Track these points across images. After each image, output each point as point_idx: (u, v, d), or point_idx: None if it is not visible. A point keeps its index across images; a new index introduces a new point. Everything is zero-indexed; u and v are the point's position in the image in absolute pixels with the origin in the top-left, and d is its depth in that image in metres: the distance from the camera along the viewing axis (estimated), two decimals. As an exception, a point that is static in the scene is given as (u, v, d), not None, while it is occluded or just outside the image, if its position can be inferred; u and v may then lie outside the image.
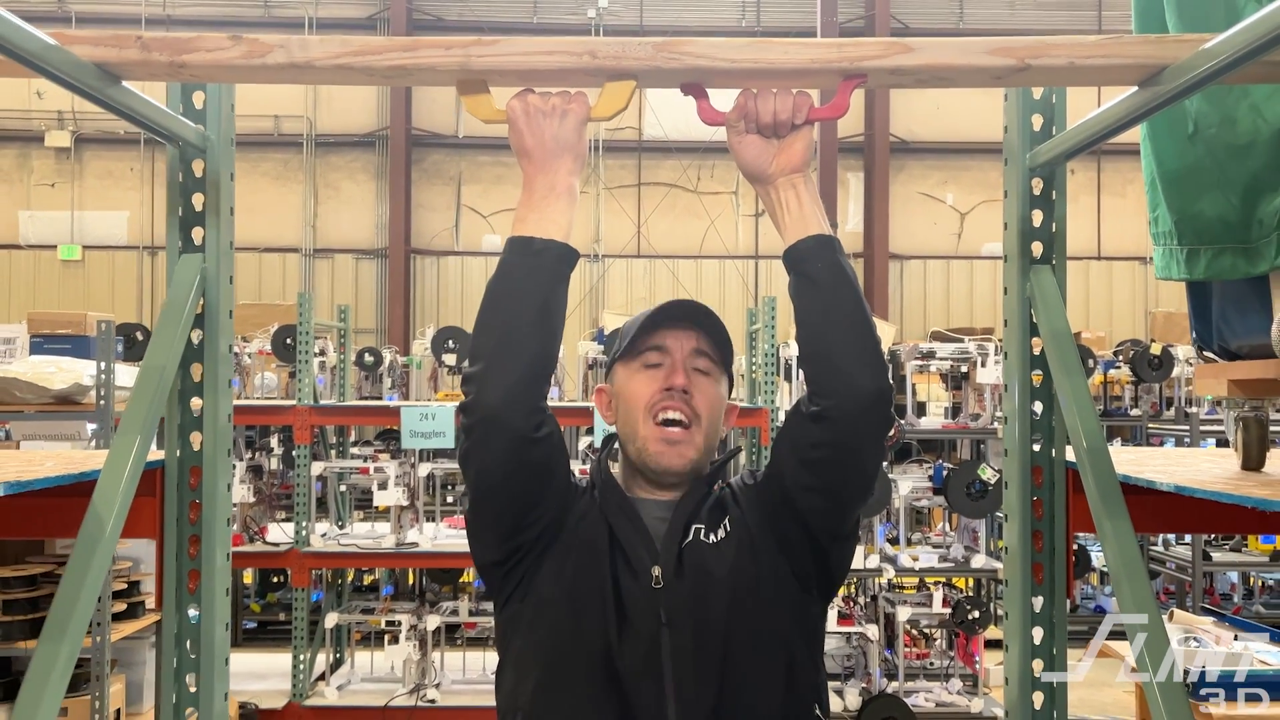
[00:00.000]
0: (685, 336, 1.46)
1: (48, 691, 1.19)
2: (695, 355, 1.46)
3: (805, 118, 1.32)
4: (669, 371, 1.44)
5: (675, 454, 1.43)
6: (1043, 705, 1.70)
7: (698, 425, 1.44)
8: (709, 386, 1.46)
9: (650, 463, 1.44)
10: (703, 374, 1.46)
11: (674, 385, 1.43)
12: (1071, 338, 1.58)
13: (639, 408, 1.45)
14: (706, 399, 1.45)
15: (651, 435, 1.43)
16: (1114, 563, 1.38)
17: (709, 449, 1.46)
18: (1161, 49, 1.23)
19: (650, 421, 1.43)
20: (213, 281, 1.60)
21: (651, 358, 1.46)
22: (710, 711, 1.32)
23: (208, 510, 1.60)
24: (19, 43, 1.13)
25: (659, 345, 1.46)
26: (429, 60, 1.25)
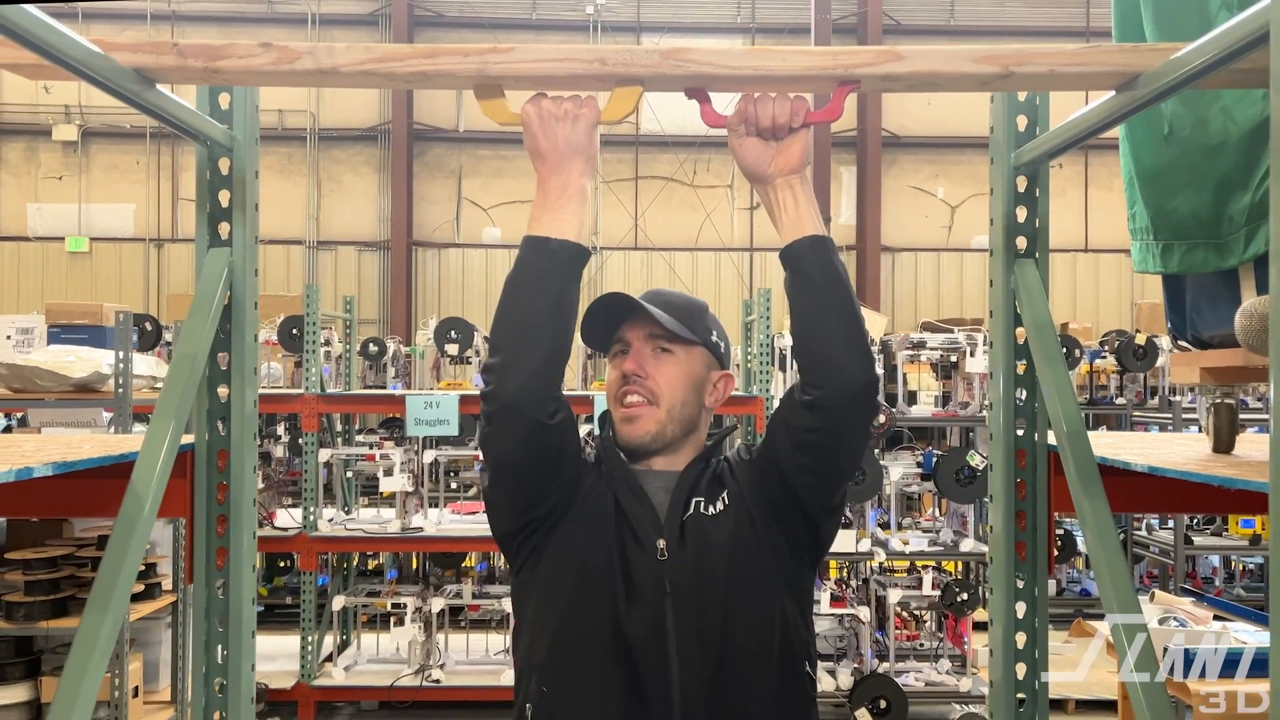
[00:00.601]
0: (640, 325, 1.58)
1: (94, 657, 1.28)
2: (651, 339, 1.57)
3: (802, 121, 1.41)
4: (624, 361, 1.57)
5: (635, 429, 1.55)
6: (1025, 675, 1.80)
7: (657, 402, 1.55)
8: (669, 363, 1.57)
9: (620, 440, 1.57)
10: (665, 352, 1.57)
11: (627, 371, 1.56)
12: (1054, 328, 1.67)
13: (610, 394, 1.59)
14: (666, 377, 1.56)
15: (617, 416, 1.58)
16: (1092, 540, 1.47)
17: (677, 418, 1.57)
18: (1136, 57, 1.32)
19: (617, 405, 1.57)
20: (239, 274, 1.68)
21: (616, 349, 1.59)
22: (711, 671, 1.42)
23: (235, 491, 1.69)
24: (65, 50, 1.22)
25: (620, 338, 1.59)
26: (448, 67, 1.34)
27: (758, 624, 1.47)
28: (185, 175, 13.84)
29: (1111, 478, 1.54)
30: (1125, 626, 1.36)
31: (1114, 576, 1.42)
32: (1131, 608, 1.37)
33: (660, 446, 1.57)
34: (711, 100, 1.43)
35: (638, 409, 1.55)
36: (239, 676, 1.69)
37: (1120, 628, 1.36)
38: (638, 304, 1.57)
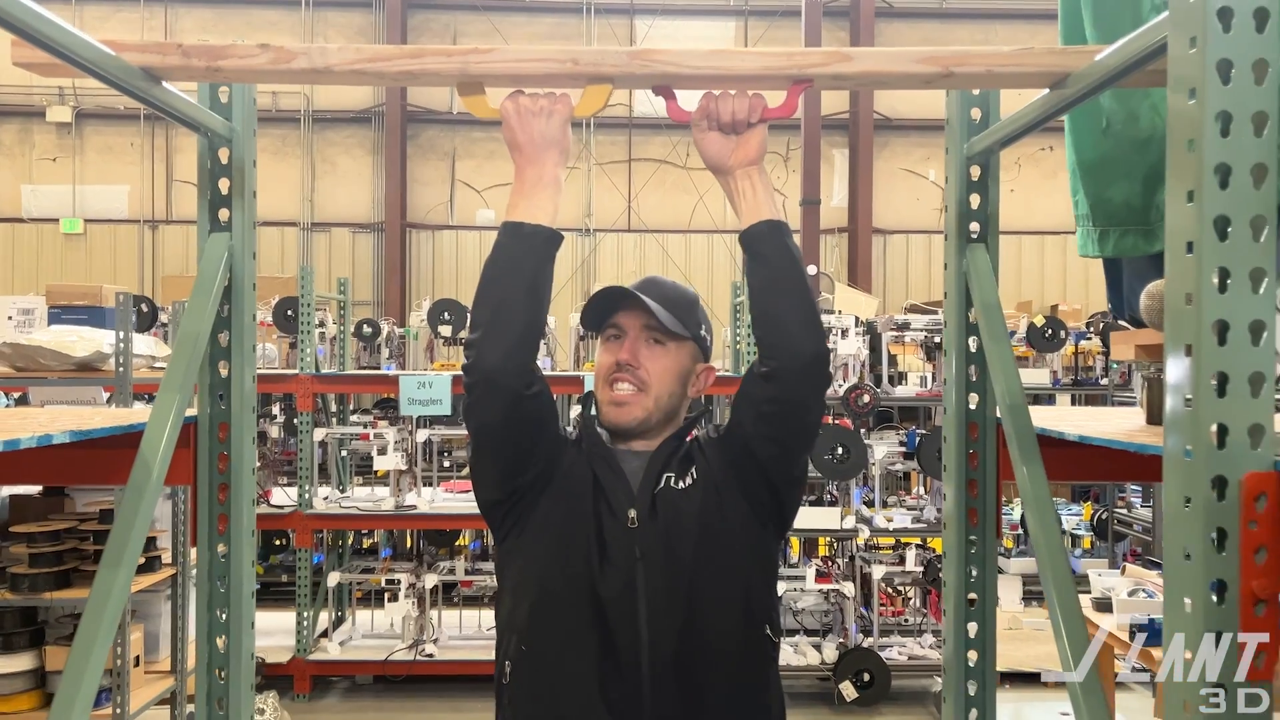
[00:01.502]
0: (637, 314, 1.67)
1: (108, 610, 1.40)
2: (646, 330, 1.67)
3: (760, 117, 1.53)
4: (618, 348, 1.67)
5: (622, 414, 1.66)
6: (976, 634, 1.92)
7: (646, 390, 1.66)
8: (661, 355, 1.68)
9: (605, 421, 1.68)
10: (658, 344, 1.67)
11: (620, 360, 1.66)
12: (1000, 308, 1.79)
13: (600, 377, 1.69)
14: (656, 367, 1.67)
15: (605, 399, 1.68)
16: (1027, 502, 1.59)
17: (663, 407, 1.68)
18: (1065, 59, 1.43)
19: (606, 388, 1.67)
20: (238, 258, 1.79)
21: (610, 332, 1.69)
22: (678, 631, 1.54)
23: (235, 461, 1.81)
24: (79, 51, 1.33)
25: (615, 324, 1.69)
26: (433, 67, 1.45)
27: (722, 589, 1.58)
28: (179, 157, 13.88)
29: (1050, 448, 1.66)
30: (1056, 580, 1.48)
31: (1047, 538, 1.54)
32: (1061, 563, 1.49)
33: (644, 431, 1.69)
34: (677, 97, 1.54)
35: (627, 396, 1.66)
36: (240, 635, 1.81)
37: (1050, 580, 1.49)
38: (638, 297, 1.67)
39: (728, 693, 1.55)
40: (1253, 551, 1.03)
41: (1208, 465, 1.05)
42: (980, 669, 1.93)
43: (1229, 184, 1.04)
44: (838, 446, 5.89)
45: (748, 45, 13.56)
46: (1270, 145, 1.04)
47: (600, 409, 1.69)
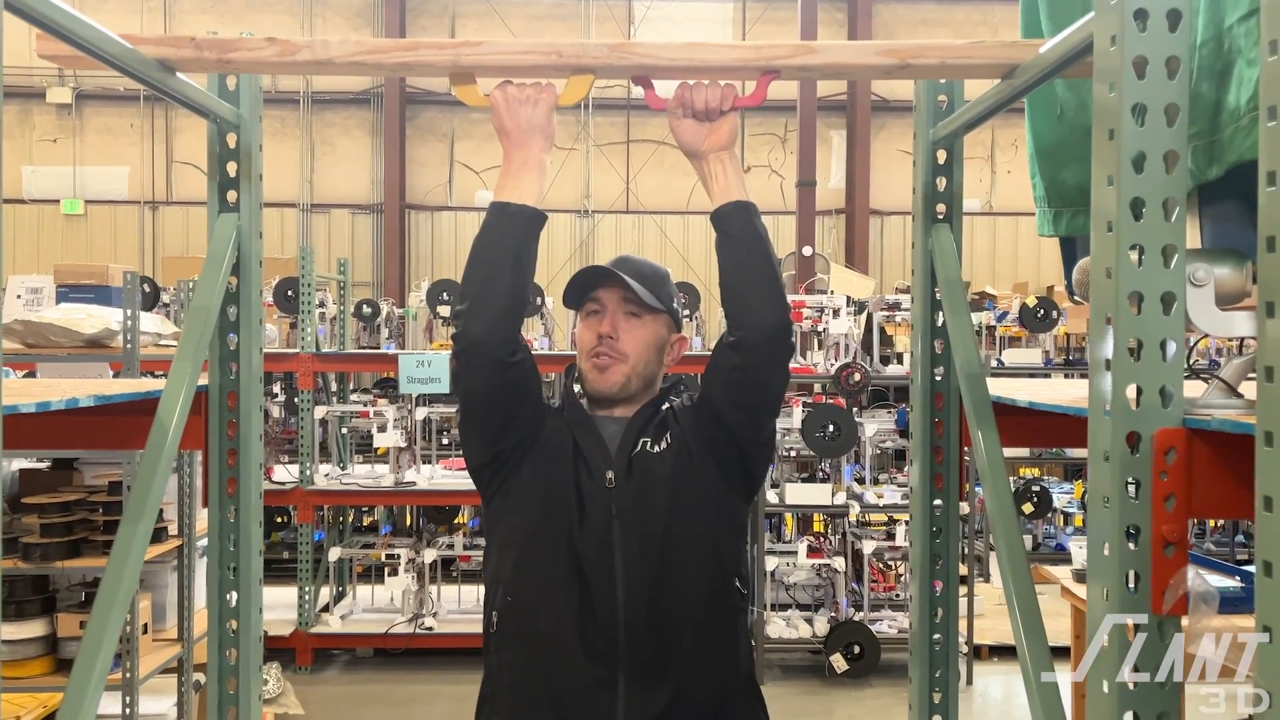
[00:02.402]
0: (614, 290, 1.79)
1: (129, 561, 1.52)
2: (624, 303, 1.79)
3: (731, 105, 1.64)
4: (598, 322, 1.79)
5: (604, 379, 1.78)
6: (941, 591, 2.05)
7: (623, 360, 1.78)
8: (637, 327, 1.80)
9: (588, 387, 1.80)
10: (634, 316, 1.79)
11: (601, 333, 1.78)
12: (961, 285, 1.90)
13: (583, 350, 1.82)
14: (632, 338, 1.79)
15: (588, 369, 1.80)
16: (982, 464, 1.71)
17: (640, 374, 1.81)
18: (1013, 51, 1.54)
19: (589, 359, 1.80)
20: (246, 237, 1.91)
21: (589, 308, 1.81)
22: (651, 583, 1.67)
23: (243, 427, 1.92)
24: (101, 45, 1.44)
25: (595, 299, 1.81)
26: (426, 59, 1.56)
27: (693, 544, 1.71)
28: (179, 138, 13.94)
29: (1005, 416, 1.77)
30: (1005, 534, 1.60)
31: (999, 498, 1.66)
32: (1010, 520, 1.61)
33: (625, 396, 1.81)
34: (655, 86, 1.65)
35: (608, 362, 1.78)
36: (249, 590, 1.94)
37: (1002, 544, 1.60)
38: (616, 274, 1.79)
39: (699, 639, 1.68)
40: (1163, 499, 1.15)
41: (1124, 422, 1.16)
42: (944, 625, 2.06)
43: (1144, 169, 1.15)
44: (829, 424, 6.01)
45: (745, 25, 13.61)
46: (1181, 134, 1.15)
47: (584, 378, 1.81)
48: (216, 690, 1.89)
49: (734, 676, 1.72)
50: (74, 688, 1.38)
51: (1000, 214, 13.71)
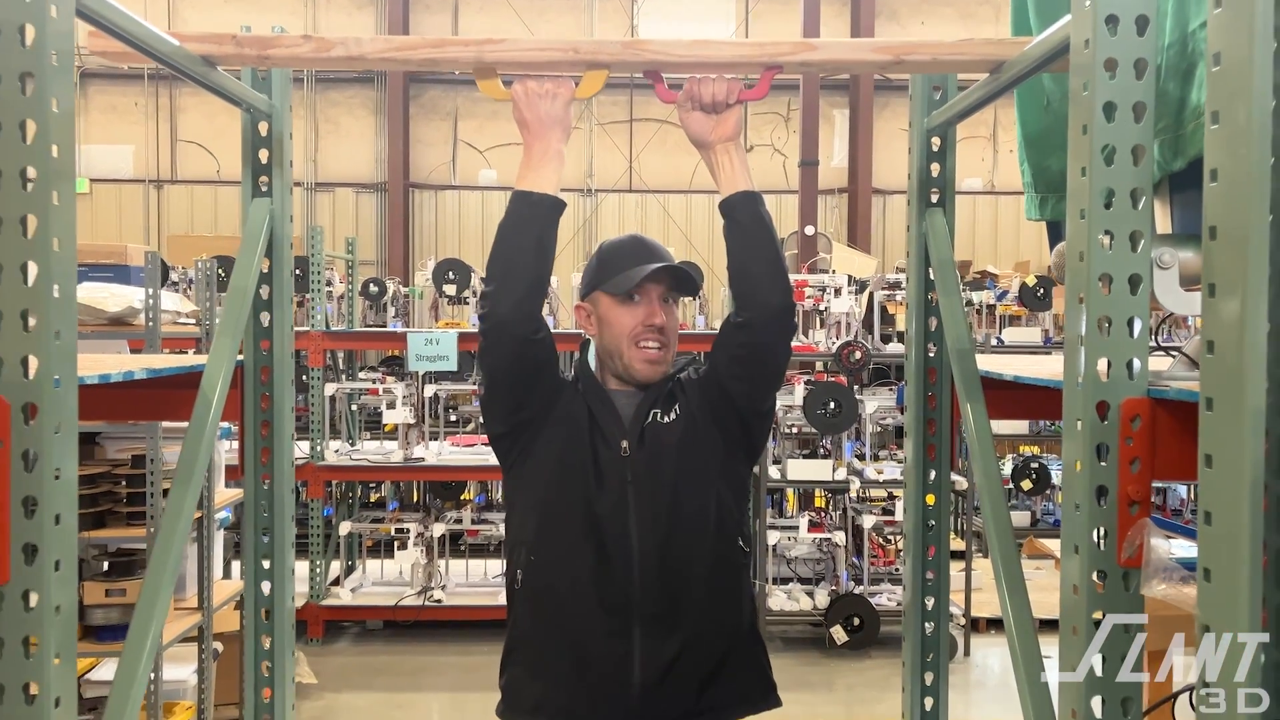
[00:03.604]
0: (660, 282, 1.89)
1: (181, 520, 1.64)
2: (667, 294, 1.90)
3: (736, 98, 1.76)
4: (650, 311, 1.87)
5: (655, 371, 1.89)
6: (934, 556, 2.17)
7: (669, 348, 1.90)
8: (673, 315, 1.92)
9: (637, 375, 1.89)
10: (672, 306, 1.92)
11: (654, 323, 1.87)
12: (954, 266, 2.01)
13: (624, 335, 1.89)
14: (674, 328, 1.91)
15: (636, 356, 1.88)
16: (970, 434, 1.83)
17: (673, 359, 1.93)
18: (1000, 48, 1.65)
19: (634, 347, 1.88)
20: (278, 219, 2.02)
21: (636, 297, 1.88)
22: (662, 543, 1.80)
23: (277, 400, 2.05)
24: (152, 43, 1.55)
25: (641, 288, 1.88)
26: (452, 55, 1.67)
27: (699, 506, 1.84)
28: (183, 117, 14.00)
29: (994, 390, 1.89)
30: (990, 496, 1.72)
31: (985, 465, 1.78)
32: (995, 485, 1.73)
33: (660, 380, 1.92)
34: (664, 80, 1.76)
35: (658, 356, 1.88)
36: (283, 554, 2.06)
37: (986, 496, 1.72)
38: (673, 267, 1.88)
39: (705, 592, 1.81)
40: (1129, 463, 1.27)
41: (1094, 393, 1.28)
42: (936, 585, 2.18)
43: (1113, 161, 1.26)
44: (830, 401, 6.13)
45: (749, 15, 13.59)
46: (1148, 130, 1.26)
47: (628, 365, 1.89)
48: (253, 642, 2.02)
49: (738, 626, 1.85)
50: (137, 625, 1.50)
51: (1002, 193, 13.77)
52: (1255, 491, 0.92)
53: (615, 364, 1.91)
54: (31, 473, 1.16)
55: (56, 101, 1.18)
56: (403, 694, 5.68)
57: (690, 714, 1.78)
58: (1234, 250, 0.94)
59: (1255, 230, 0.92)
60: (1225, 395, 0.95)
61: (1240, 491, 0.92)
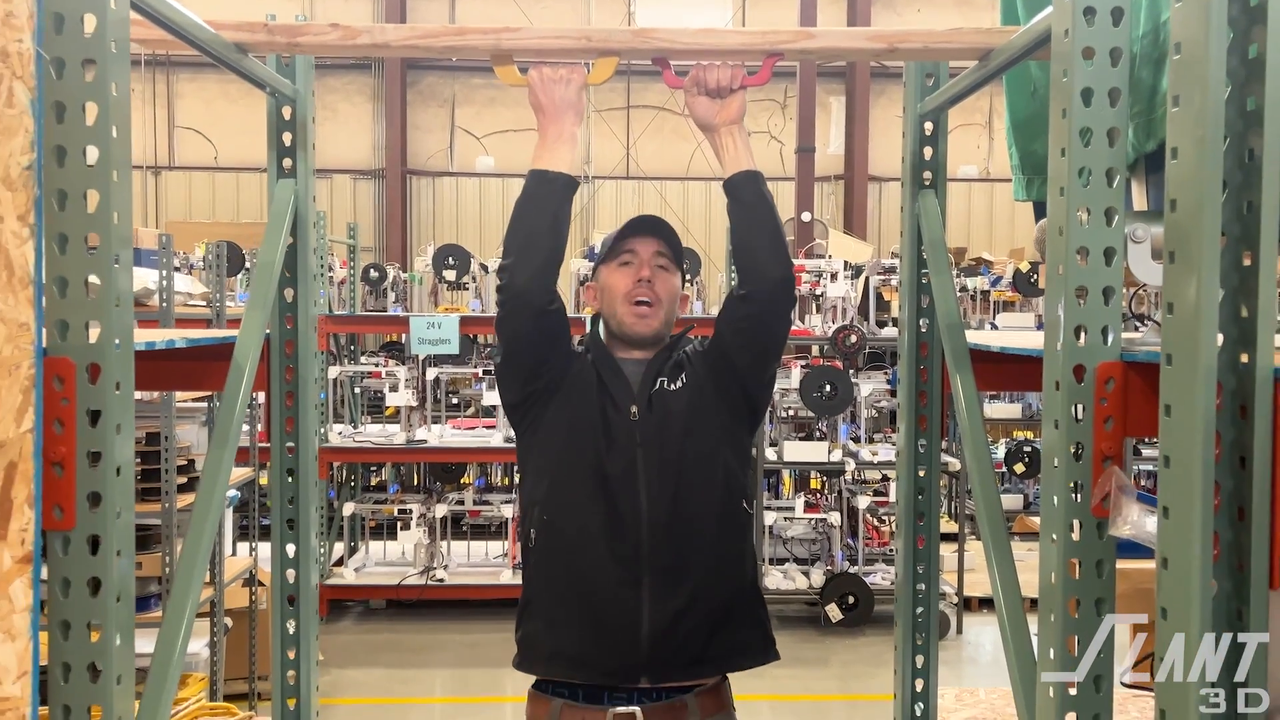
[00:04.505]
0: (649, 242, 2.02)
1: (219, 481, 1.74)
2: (657, 255, 2.02)
3: (740, 84, 1.86)
4: (638, 268, 2.00)
5: (644, 324, 2.00)
6: (923, 523, 2.28)
7: (659, 304, 2.01)
8: (666, 277, 2.03)
9: (628, 331, 2.01)
10: (662, 269, 2.02)
11: (642, 278, 1.99)
12: (945, 245, 2.12)
13: (618, 295, 2.02)
14: (665, 286, 2.02)
15: (628, 312, 2.01)
16: (959, 405, 1.93)
17: (668, 321, 2.04)
18: (988, 37, 1.75)
19: (627, 304, 2.01)
20: (301, 200, 2.12)
21: (626, 258, 2.02)
22: (669, 501, 1.91)
23: (301, 371, 2.15)
24: (194, 32, 1.65)
25: (631, 249, 2.02)
26: (472, 43, 1.77)
27: (705, 469, 1.95)
28: (180, 103, 14.04)
29: (980, 362, 1.99)
30: (978, 464, 1.83)
31: (973, 434, 1.89)
32: (983, 453, 1.84)
33: (655, 340, 2.04)
34: (671, 67, 1.86)
35: (648, 309, 2.00)
36: (309, 519, 2.17)
37: (974, 465, 1.84)
38: (659, 223, 2.02)
39: (711, 548, 1.92)
40: (1103, 421, 1.38)
41: (1071, 357, 1.38)
42: (927, 552, 2.29)
43: (1090, 143, 1.36)
44: (826, 384, 6.24)
45: (746, 2, 13.64)
46: (1122, 114, 1.36)
47: (620, 322, 2.01)
48: (279, 594, 2.13)
49: (742, 581, 1.96)
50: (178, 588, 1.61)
51: (998, 180, 13.87)
52: (1207, 438, 1.02)
53: (614, 324, 2.03)
54: (95, 428, 1.26)
55: (115, 86, 1.27)
56: (406, 670, 5.80)
57: (697, 663, 1.90)
58: (1190, 221, 1.04)
59: (1208, 203, 1.02)
60: (1182, 351, 1.06)
61: (1194, 437, 1.03)
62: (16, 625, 1.07)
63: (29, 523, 1.09)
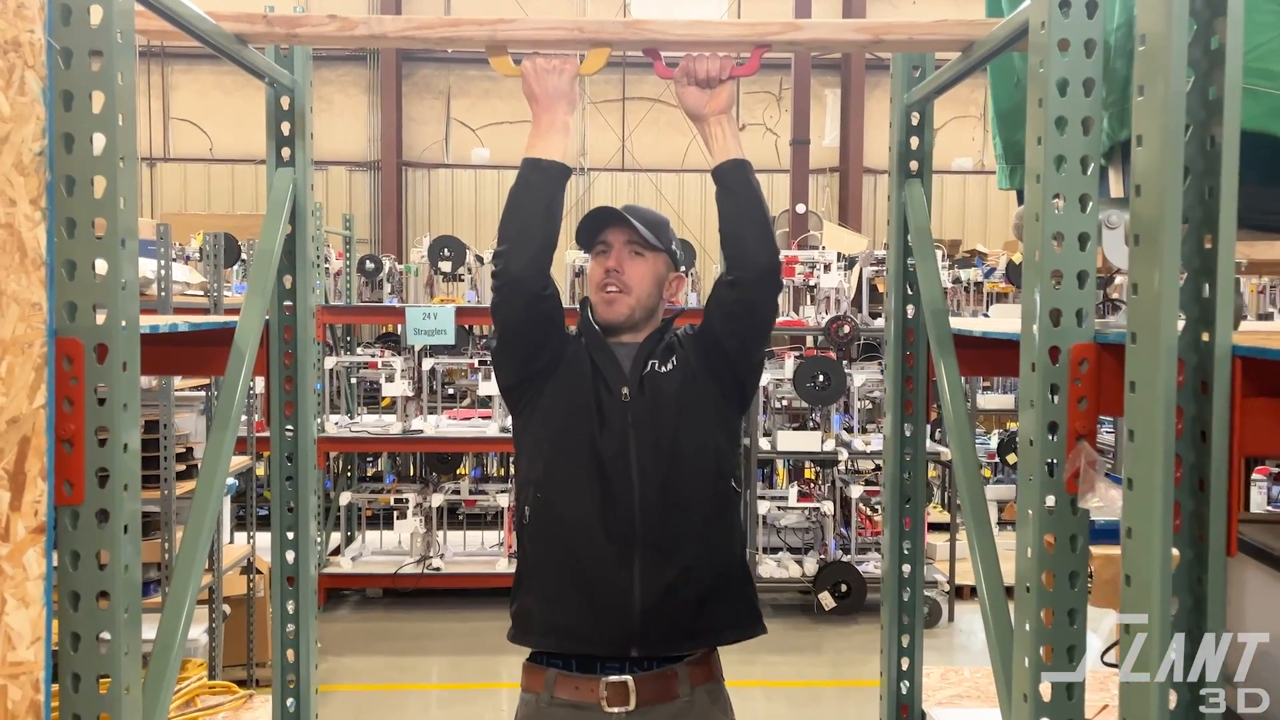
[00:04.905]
0: (621, 231, 2.07)
1: (220, 461, 1.79)
2: (629, 244, 2.07)
3: (729, 74, 1.91)
4: (606, 259, 2.07)
5: (612, 310, 2.07)
6: (909, 506, 2.33)
7: (629, 292, 2.07)
8: (640, 264, 2.08)
9: (598, 316, 2.08)
10: (637, 255, 2.07)
11: (609, 268, 2.06)
12: (930, 233, 2.16)
13: (593, 283, 2.10)
14: (636, 273, 2.07)
15: (598, 300, 2.08)
16: (942, 388, 1.98)
17: (643, 305, 2.09)
18: (970, 29, 1.80)
19: (599, 292, 2.08)
20: (300, 188, 2.16)
21: (600, 248, 2.09)
22: (661, 481, 1.96)
23: (299, 356, 2.19)
24: (196, 24, 1.68)
25: (603, 239, 2.09)
26: (467, 34, 1.81)
27: (697, 448, 2.00)
28: (175, 95, 14.03)
29: (964, 347, 2.04)
30: (960, 444, 1.88)
31: (956, 417, 1.94)
32: (965, 433, 1.88)
33: (630, 325, 2.09)
34: (662, 58, 1.91)
35: (614, 296, 2.06)
36: (307, 500, 2.21)
37: (956, 445, 1.88)
38: (622, 215, 2.08)
39: (701, 525, 1.97)
40: (1077, 401, 1.43)
41: (1047, 339, 1.43)
42: (913, 534, 2.34)
43: (1065, 132, 1.41)
44: (819, 374, 6.30)
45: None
46: (1096, 104, 1.41)
47: (594, 308, 2.09)
48: (279, 574, 2.18)
49: (730, 557, 2.02)
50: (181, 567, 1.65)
51: (992, 172, 13.80)
52: (1169, 412, 1.07)
53: (592, 311, 2.10)
54: (103, 406, 1.31)
55: (121, 75, 1.32)
56: (403, 658, 5.86)
57: (687, 635, 1.95)
58: (1154, 206, 1.09)
59: (1170, 187, 1.07)
60: (1146, 331, 1.11)
61: (1156, 412, 1.08)
62: (30, 592, 1.12)
63: (42, 495, 1.14)
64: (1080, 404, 1.43)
